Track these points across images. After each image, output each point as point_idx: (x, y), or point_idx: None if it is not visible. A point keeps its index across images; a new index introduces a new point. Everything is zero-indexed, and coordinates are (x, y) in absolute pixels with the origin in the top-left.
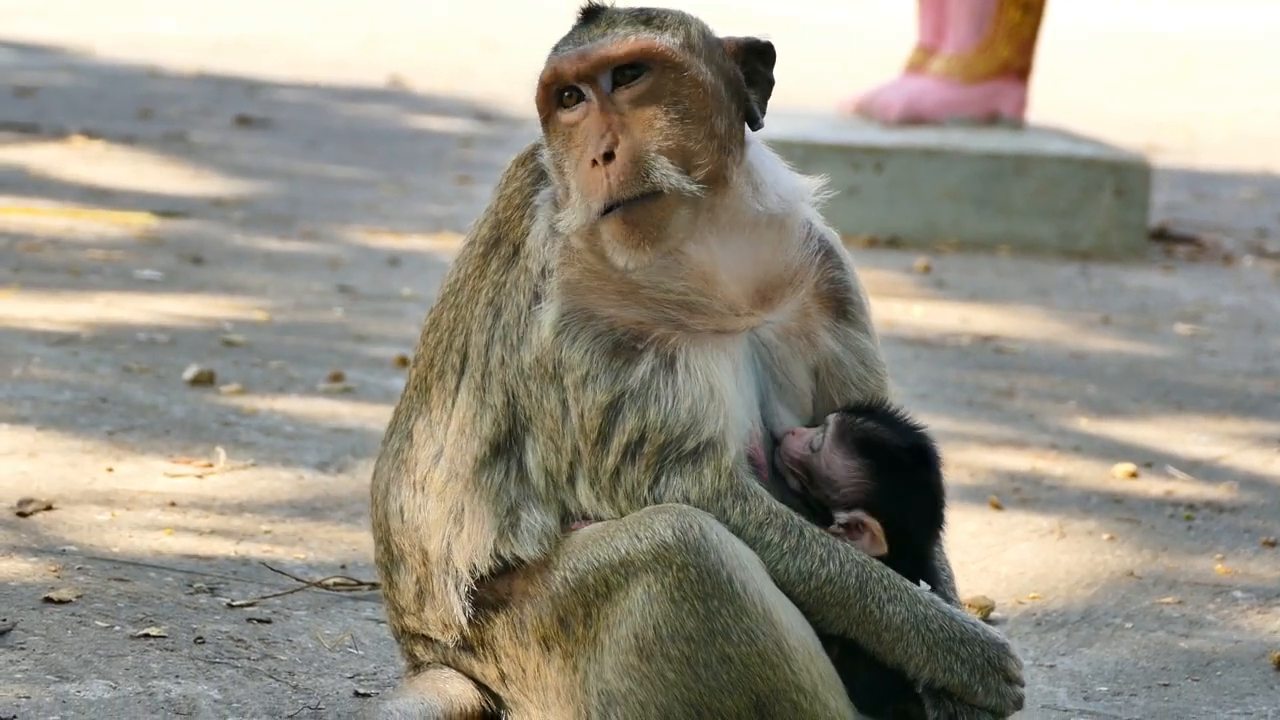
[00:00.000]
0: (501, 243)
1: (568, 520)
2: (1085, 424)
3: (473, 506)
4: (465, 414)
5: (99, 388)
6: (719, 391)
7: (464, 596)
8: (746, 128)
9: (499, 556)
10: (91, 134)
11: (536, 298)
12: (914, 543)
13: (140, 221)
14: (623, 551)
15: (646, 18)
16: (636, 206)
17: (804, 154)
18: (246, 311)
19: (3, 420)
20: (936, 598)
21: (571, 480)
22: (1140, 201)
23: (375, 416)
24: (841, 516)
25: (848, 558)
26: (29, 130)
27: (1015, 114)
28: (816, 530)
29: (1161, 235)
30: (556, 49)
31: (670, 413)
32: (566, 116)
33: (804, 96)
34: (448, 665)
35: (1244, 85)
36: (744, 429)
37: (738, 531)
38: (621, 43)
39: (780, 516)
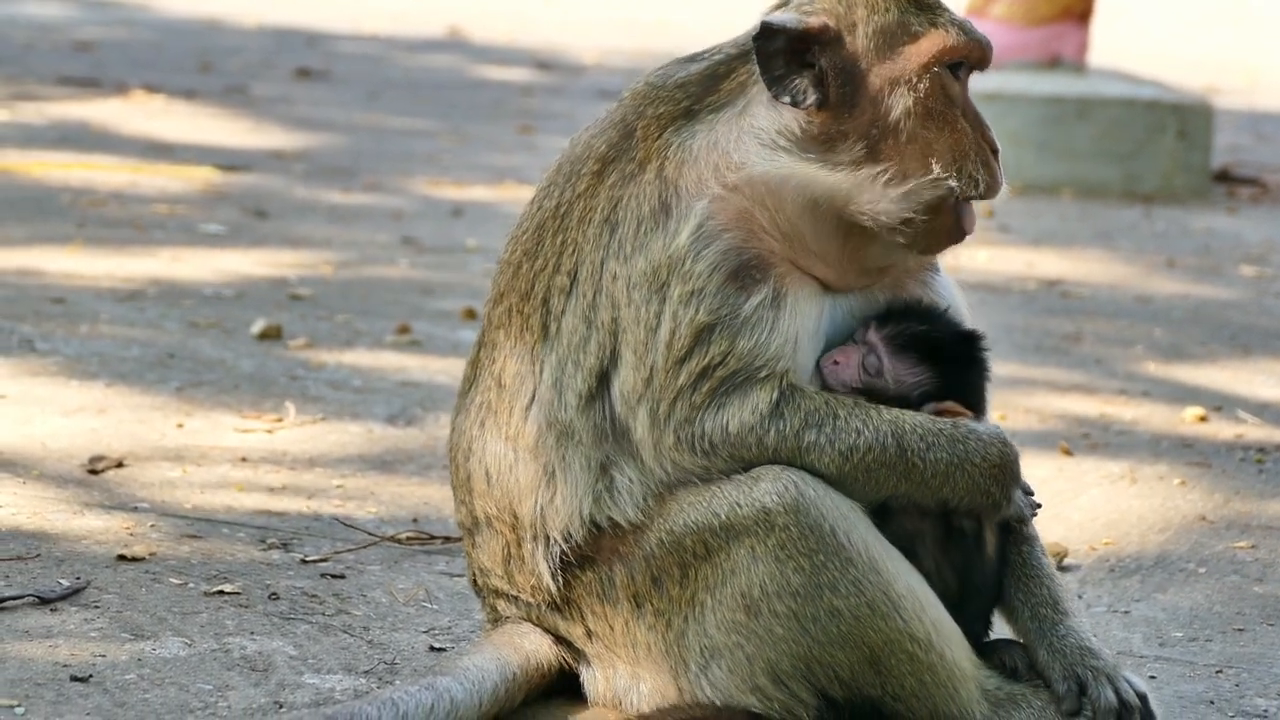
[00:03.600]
0: (624, 159)
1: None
2: (1153, 368)
3: (567, 463)
4: (570, 340)
5: (166, 343)
6: (803, 337)
7: (555, 563)
8: None
9: (593, 522)
10: (152, 88)
11: (664, 209)
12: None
13: (202, 176)
14: (723, 516)
15: None
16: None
17: None
18: (311, 265)
19: (72, 377)
20: (957, 423)
21: (636, 406)
22: (1202, 143)
23: (443, 369)
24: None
25: (881, 420)
26: (90, 85)
27: (1076, 57)
28: (846, 402)
29: (1224, 177)
30: (960, 23)
31: (761, 346)
32: (953, 87)
33: None
34: (529, 621)
35: None
36: (807, 372)
37: (777, 451)
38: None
39: (814, 414)
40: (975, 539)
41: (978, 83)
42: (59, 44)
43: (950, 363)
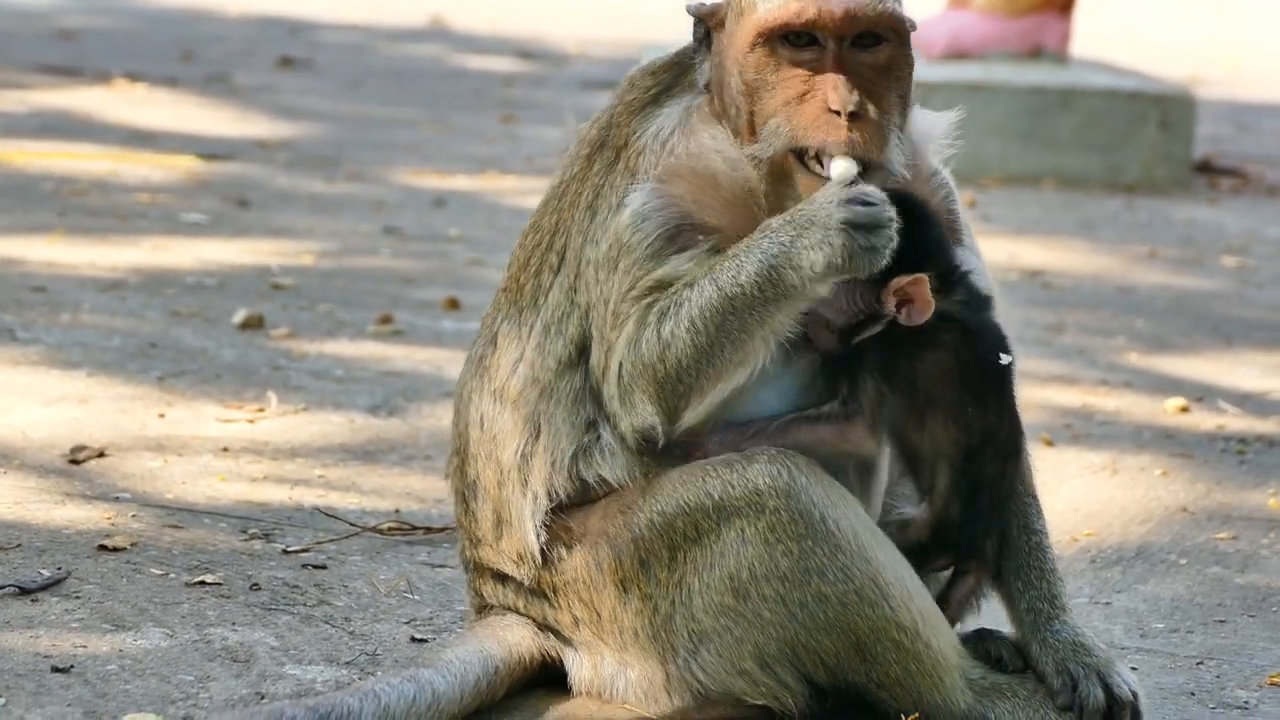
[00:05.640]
0: (606, 146)
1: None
2: (1135, 359)
3: (550, 414)
4: (554, 313)
5: (148, 333)
6: None
7: (539, 525)
8: None
9: (580, 478)
10: (134, 76)
11: (625, 196)
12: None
13: (185, 164)
14: (715, 496)
15: None
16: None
17: None
18: (294, 254)
19: (54, 366)
20: (769, 224)
21: (601, 379)
22: (1184, 134)
23: (425, 359)
24: (887, 306)
25: (698, 282)
26: (71, 73)
27: (1059, 47)
28: (680, 287)
29: (1206, 168)
30: None
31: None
32: (792, 54)
33: None
34: (512, 610)
35: None
36: None
37: (663, 356)
38: (881, 6)
39: (667, 307)
40: (993, 465)
41: (961, 74)
42: (40, 32)
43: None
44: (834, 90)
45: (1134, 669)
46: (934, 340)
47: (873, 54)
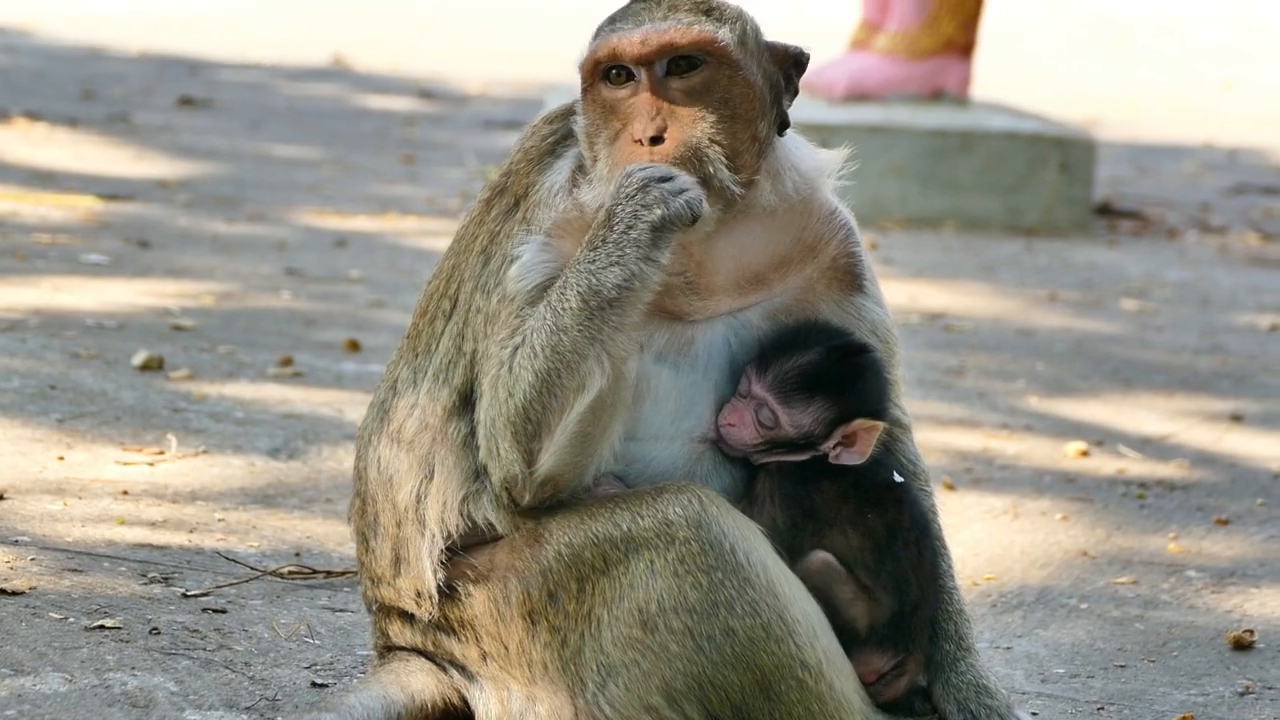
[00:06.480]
0: (505, 193)
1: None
2: (1035, 402)
3: (442, 458)
4: (443, 360)
5: (48, 374)
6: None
7: (436, 562)
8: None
9: (470, 518)
10: (34, 115)
11: (518, 249)
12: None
13: (85, 204)
14: (624, 527)
15: (708, 7)
16: None
17: None
18: (194, 295)
19: None
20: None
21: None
22: (1084, 177)
23: (326, 401)
24: (832, 442)
25: (538, 317)
26: None
27: (960, 90)
28: (535, 312)
29: (1106, 210)
30: (615, 24)
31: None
32: (611, 93)
33: None
34: (419, 650)
35: (1184, 56)
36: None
37: (511, 393)
38: (686, 31)
39: (519, 345)
40: (911, 547)
41: (862, 116)
42: None
43: (840, 384)
44: (637, 121)
45: (1035, 714)
46: (832, 470)
47: (687, 79)
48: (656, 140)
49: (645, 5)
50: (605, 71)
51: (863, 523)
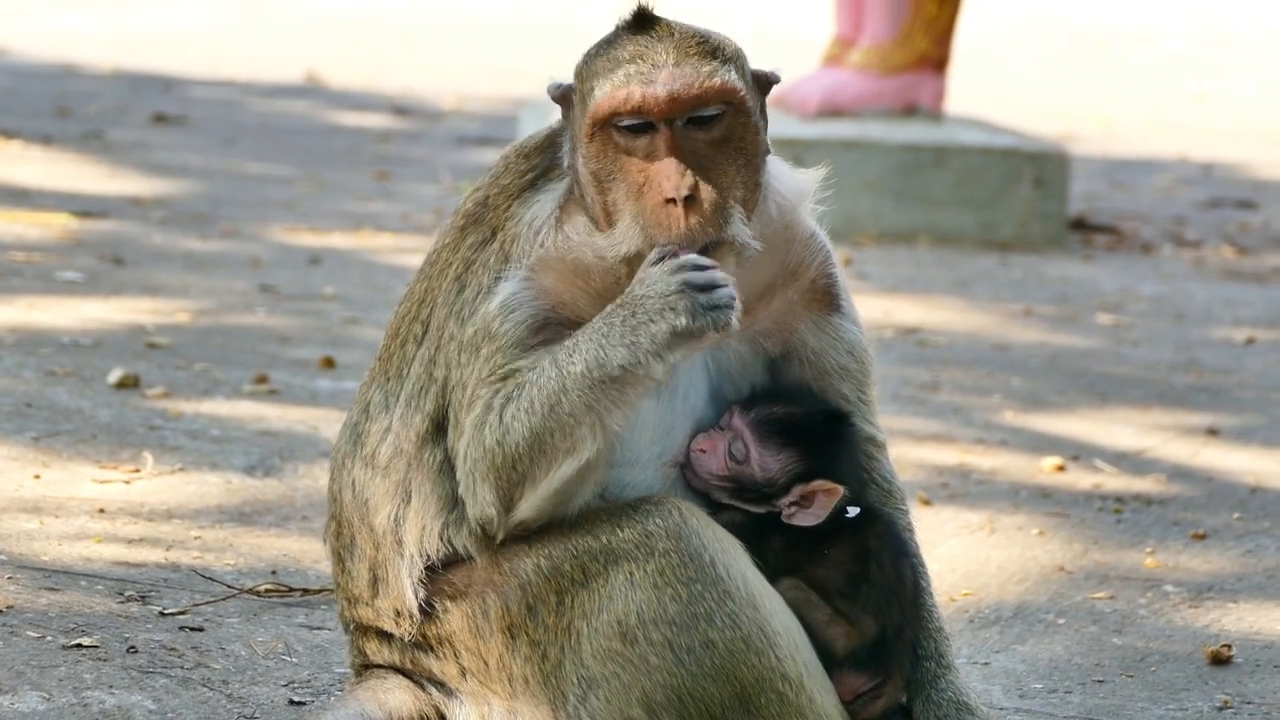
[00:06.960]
0: (482, 223)
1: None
2: (1011, 417)
3: (419, 484)
4: (414, 386)
5: (23, 393)
6: None
7: (416, 582)
8: None
9: (450, 543)
10: (8, 134)
11: (499, 280)
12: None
13: (60, 222)
14: (603, 539)
15: (711, 47)
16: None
17: None
18: (169, 313)
19: None
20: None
21: (456, 462)
22: (1059, 191)
23: (301, 419)
24: (789, 499)
25: (539, 372)
26: None
27: (933, 105)
28: (524, 374)
29: (1080, 225)
30: (618, 65)
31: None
32: (627, 142)
33: None
34: (397, 668)
35: (1160, 70)
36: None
37: (501, 441)
38: (708, 83)
39: (513, 395)
40: (888, 570)
41: (836, 131)
42: None
43: (816, 444)
44: (667, 179)
45: None
46: (784, 526)
47: (708, 130)
48: (690, 200)
49: (646, 44)
50: (621, 121)
51: (823, 559)
